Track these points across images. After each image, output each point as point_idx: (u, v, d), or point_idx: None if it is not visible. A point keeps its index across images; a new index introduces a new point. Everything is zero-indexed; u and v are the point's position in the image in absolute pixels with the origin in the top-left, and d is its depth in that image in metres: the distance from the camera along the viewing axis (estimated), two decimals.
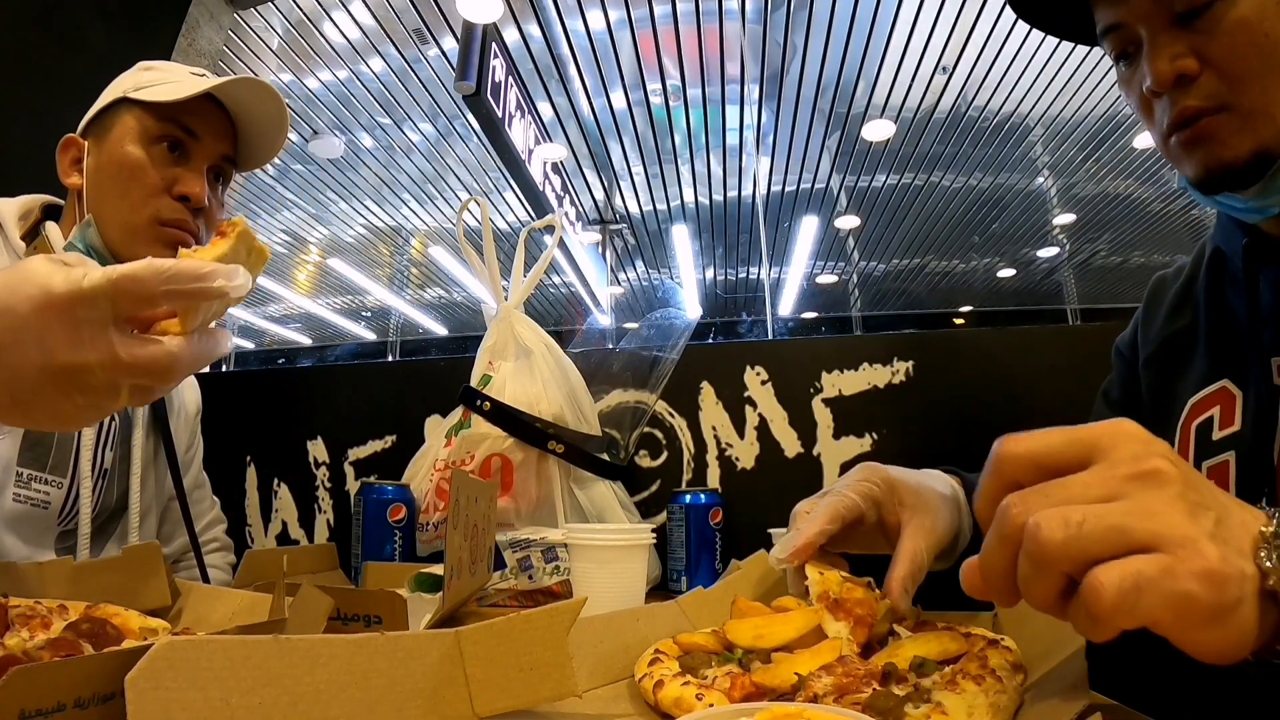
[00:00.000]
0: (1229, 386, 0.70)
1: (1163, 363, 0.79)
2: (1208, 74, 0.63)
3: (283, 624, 0.55)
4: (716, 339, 7.24)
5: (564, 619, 0.43)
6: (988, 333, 1.25)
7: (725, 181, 5.71)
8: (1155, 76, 0.64)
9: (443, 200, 5.88)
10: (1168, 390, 0.77)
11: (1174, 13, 0.64)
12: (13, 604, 0.56)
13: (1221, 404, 0.70)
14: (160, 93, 0.91)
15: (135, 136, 0.91)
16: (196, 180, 0.93)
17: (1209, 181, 0.65)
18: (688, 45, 3.97)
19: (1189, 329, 0.77)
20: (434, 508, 1.11)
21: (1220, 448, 0.69)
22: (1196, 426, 0.72)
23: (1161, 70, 0.63)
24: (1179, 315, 0.79)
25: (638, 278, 8.08)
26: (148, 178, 0.90)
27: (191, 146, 0.94)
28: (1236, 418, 0.68)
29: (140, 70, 0.96)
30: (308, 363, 10.01)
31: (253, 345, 10.05)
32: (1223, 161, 0.63)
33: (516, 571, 0.94)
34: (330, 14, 3.65)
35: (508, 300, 1.17)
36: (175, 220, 0.91)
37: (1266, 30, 0.61)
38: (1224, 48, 0.62)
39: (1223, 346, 0.72)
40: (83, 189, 0.91)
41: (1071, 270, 7.99)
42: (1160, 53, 0.64)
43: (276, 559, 0.91)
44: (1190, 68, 0.63)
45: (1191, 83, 0.63)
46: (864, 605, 0.56)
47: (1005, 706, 0.42)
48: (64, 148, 0.94)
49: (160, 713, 0.29)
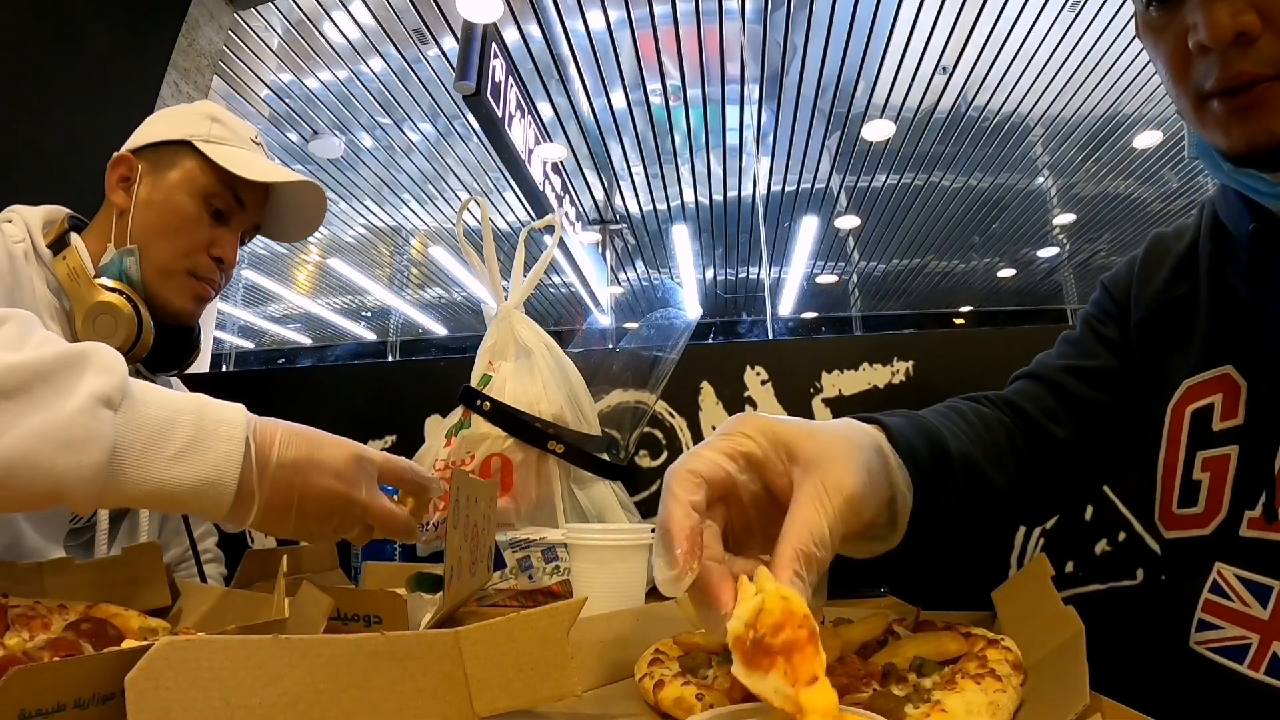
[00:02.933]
0: (1233, 374, 0.65)
1: (1158, 330, 0.73)
2: (1269, 35, 0.55)
3: (283, 624, 0.55)
4: (716, 339, 7.25)
5: (564, 619, 0.43)
6: (988, 333, 1.25)
7: (725, 181, 5.71)
8: (1212, 30, 0.56)
9: (443, 200, 5.88)
10: (1160, 362, 0.71)
11: None
12: (13, 604, 0.56)
13: (1224, 392, 0.65)
14: (229, 159, 0.95)
15: (193, 189, 0.95)
16: (232, 245, 0.99)
17: (1250, 156, 0.58)
18: (688, 45, 3.97)
19: (1189, 300, 0.71)
20: (434, 508, 1.11)
21: (1221, 440, 0.65)
22: (1192, 412, 0.67)
23: (1222, 23, 0.55)
24: (1178, 282, 0.72)
25: (638, 278, 8.09)
26: (196, 234, 0.95)
27: (236, 213, 0.99)
28: (1240, 410, 0.64)
29: (208, 119, 0.98)
30: (308, 363, 10.01)
31: (253, 345, 10.06)
32: (1274, 135, 0.56)
33: (516, 571, 0.94)
34: (330, 14, 3.66)
35: (508, 300, 1.17)
36: (206, 277, 0.97)
37: None
38: None
39: (1226, 329, 0.66)
40: (129, 212, 0.93)
41: (1071, 270, 8.00)
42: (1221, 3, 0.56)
43: (276, 559, 0.91)
44: (1254, 25, 0.55)
45: (1251, 43, 0.56)
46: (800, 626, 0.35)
47: (1005, 706, 0.42)
48: (115, 164, 0.96)
49: (160, 713, 0.29)
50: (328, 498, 0.62)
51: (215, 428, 0.56)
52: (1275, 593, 0.59)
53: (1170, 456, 0.69)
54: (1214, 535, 0.64)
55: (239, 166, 0.95)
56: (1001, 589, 0.59)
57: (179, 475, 0.54)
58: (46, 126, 1.65)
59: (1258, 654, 0.59)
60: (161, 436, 0.54)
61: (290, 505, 0.60)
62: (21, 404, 0.50)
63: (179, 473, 0.54)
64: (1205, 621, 0.63)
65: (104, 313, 0.87)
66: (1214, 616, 0.63)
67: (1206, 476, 0.65)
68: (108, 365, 0.54)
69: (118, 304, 0.88)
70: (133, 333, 0.88)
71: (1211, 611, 0.63)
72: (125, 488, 0.53)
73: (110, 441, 0.51)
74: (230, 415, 0.58)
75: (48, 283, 0.89)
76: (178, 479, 0.54)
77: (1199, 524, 0.65)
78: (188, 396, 0.58)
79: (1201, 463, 0.66)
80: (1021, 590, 0.56)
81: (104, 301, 0.87)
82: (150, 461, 0.53)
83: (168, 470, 0.54)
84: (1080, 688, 0.38)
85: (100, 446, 0.51)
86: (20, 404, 0.50)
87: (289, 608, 0.57)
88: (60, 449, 0.49)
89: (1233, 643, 0.61)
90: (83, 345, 0.54)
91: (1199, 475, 0.66)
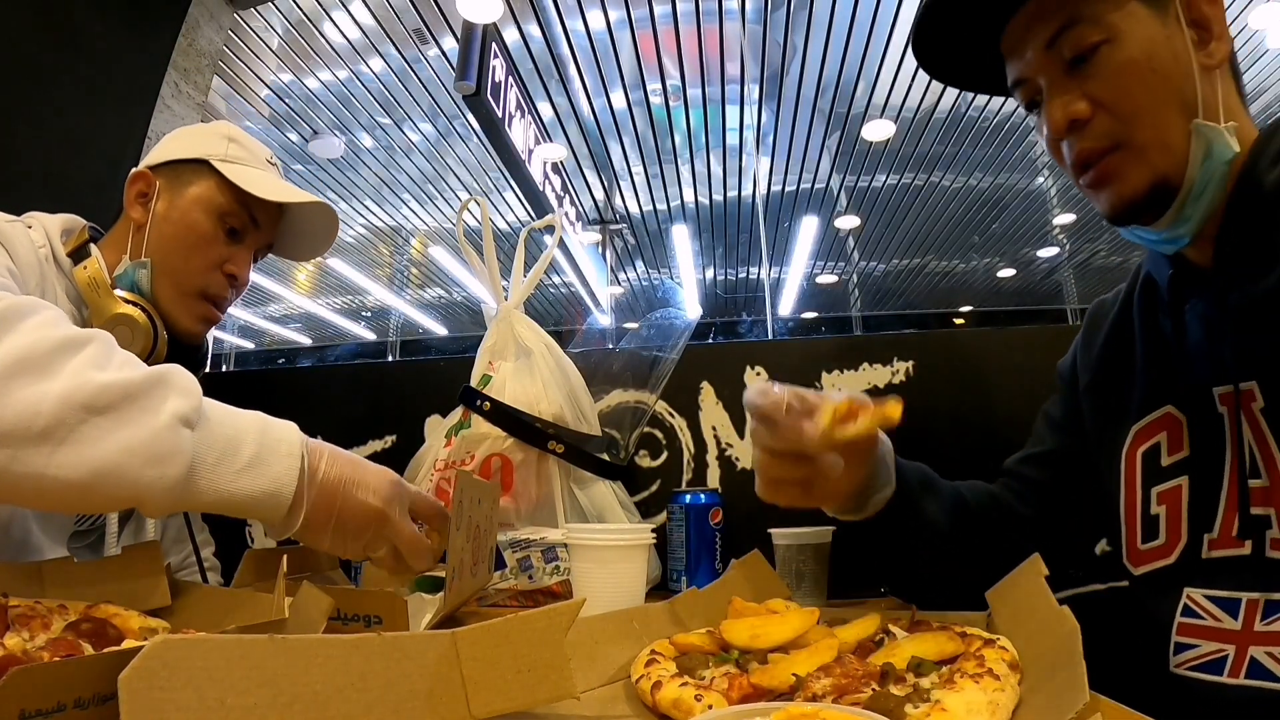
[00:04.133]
0: (1173, 412, 0.70)
1: (1103, 389, 0.80)
2: (1100, 115, 0.66)
3: (283, 624, 0.55)
4: (716, 339, 7.24)
5: (562, 620, 0.43)
6: (988, 333, 1.25)
7: (725, 181, 5.70)
8: (1050, 124, 0.68)
9: (443, 200, 5.88)
10: (1111, 417, 0.77)
11: (1065, 61, 0.67)
12: (13, 604, 0.56)
13: (1168, 430, 0.71)
14: (246, 179, 0.97)
15: (210, 208, 0.96)
16: (245, 264, 1.01)
17: (1118, 218, 0.68)
18: (688, 45, 3.96)
19: (1127, 354, 0.77)
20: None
21: (1171, 473, 0.70)
22: (1143, 453, 0.73)
23: (1055, 118, 0.67)
24: (1117, 340, 0.79)
25: (638, 278, 8.08)
26: (211, 252, 0.97)
27: (250, 232, 1.00)
28: (1185, 443, 0.69)
29: (226, 139, 1.00)
30: (308, 363, 10.00)
31: (253, 345, 10.05)
32: (1124, 197, 0.66)
33: (516, 571, 0.94)
34: (330, 14, 3.65)
35: (508, 300, 1.17)
36: (217, 296, 0.99)
37: (1154, 67, 0.64)
38: (1112, 89, 0.65)
39: (1162, 372, 0.72)
40: (145, 227, 0.94)
41: (1071, 270, 7.98)
42: (1055, 101, 0.67)
43: (276, 559, 0.91)
44: (1081, 112, 0.66)
45: (1085, 125, 0.66)
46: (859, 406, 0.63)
47: (1004, 705, 0.43)
48: (134, 180, 0.97)
49: (154, 713, 0.29)
50: (364, 513, 0.69)
51: (276, 445, 0.63)
52: (1243, 603, 0.63)
53: (1129, 499, 0.74)
54: (1178, 563, 0.68)
55: (255, 186, 0.96)
56: (996, 589, 0.59)
57: (244, 487, 0.61)
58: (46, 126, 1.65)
59: (1235, 662, 0.62)
60: (231, 453, 0.61)
61: (331, 516, 0.67)
62: (112, 420, 0.55)
63: (244, 484, 0.61)
64: (1182, 644, 0.67)
65: (122, 324, 0.88)
66: (1189, 637, 0.66)
67: (1163, 509, 0.70)
68: (187, 388, 0.60)
69: (136, 316, 0.89)
70: (148, 344, 0.90)
71: (1186, 633, 0.67)
72: (196, 497, 0.59)
73: (189, 457, 0.58)
74: (288, 435, 0.65)
75: (66, 290, 0.90)
76: (243, 490, 0.61)
77: (1163, 554, 0.70)
78: (251, 416, 0.64)
79: (1156, 497, 0.71)
80: (1016, 590, 0.56)
81: (123, 313, 0.89)
82: (221, 475, 0.60)
83: (235, 483, 0.61)
84: (1079, 687, 0.38)
85: (181, 461, 0.57)
86: (111, 420, 0.55)
87: (289, 608, 0.57)
88: (147, 463, 0.55)
89: (1211, 657, 0.64)
90: (164, 368, 0.60)
91: (1156, 509, 0.71)
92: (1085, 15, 0.65)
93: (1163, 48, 0.64)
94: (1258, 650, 0.61)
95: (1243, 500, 0.64)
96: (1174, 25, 0.65)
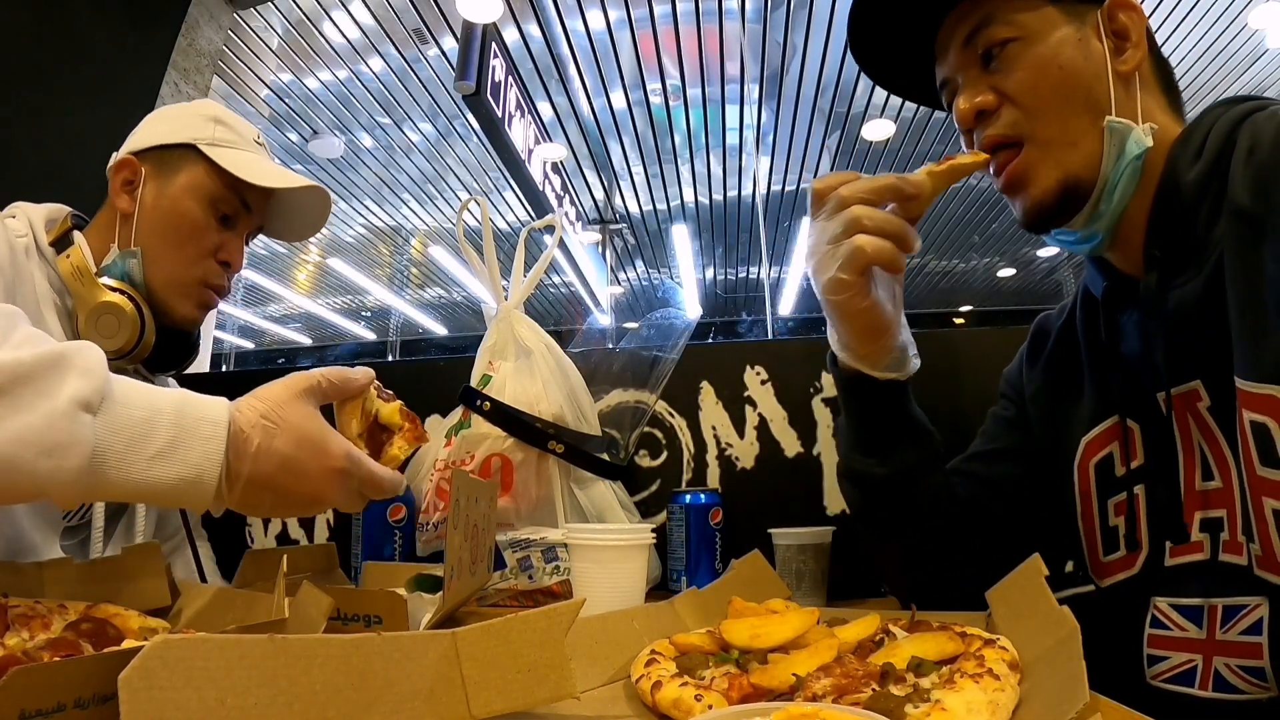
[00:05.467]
0: (1122, 421, 0.70)
1: (1049, 400, 0.80)
2: (1006, 107, 0.67)
3: (283, 624, 0.55)
4: (716, 339, 7.24)
5: (562, 620, 0.43)
6: (988, 332, 1.25)
7: (725, 181, 5.71)
8: (958, 115, 0.70)
9: (443, 200, 5.88)
10: (1059, 429, 0.77)
11: (979, 57, 0.69)
12: (13, 604, 0.56)
13: (1119, 439, 0.71)
14: (236, 163, 0.94)
15: (200, 195, 0.94)
16: (239, 249, 0.99)
17: (1033, 223, 0.69)
18: (688, 45, 3.97)
19: (1073, 366, 0.77)
20: (434, 508, 1.11)
21: (1126, 483, 0.70)
22: (1095, 465, 0.73)
23: (961, 108, 0.69)
24: (1062, 354, 0.79)
25: (638, 278, 8.08)
26: (204, 240, 0.94)
27: (242, 217, 0.98)
28: (1139, 451, 0.69)
29: (212, 121, 0.97)
30: (308, 363, 9.96)
31: (252, 345, 10.05)
32: (1036, 199, 0.67)
33: (516, 571, 0.94)
34: (330, 14, 3.65)
35: (508, 300, 1.17)
36: (215, 284, 0.97)
37: (1061, 64, 0.66)
38: (1018, 82, 0.67)
39: (1106, 383, 0.72)
40: (132, 217, 0.92)
41: (1071, 270, 7.98)
42: (965, 92, 0.70)
43: (276, 559, 0.91)
44: (988, 103, 0.68)
45: (991, 115, 0.68)
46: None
47: (1005, 705, 0.43)
48: (118, 167, 0.94)
49: (154, 712, 0.29)
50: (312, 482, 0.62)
51: (196, 426, 0.56)
52: (1205, 611, 0.63)
53: (1086, 511, 0.74)
54: (1143, 572, 0.68)
55: (246, 172, 0.94)
56: (996, 589, 0.59)
57: (159, 475, 0.55)
58: (46, 126, 1.65)
59: (1203, 673, 0.63)
60: (142, 438, 0.54)
61: (268, 492, 0.61)
62: (2, 406, 0.50)
63: (159, 472, 0.55)
64: (1154, 656, 0.67)
65: (107, 313, 0.87)
66: (1160, 649, 0.67)
67: (1121, 520, 0.70)
68: (89, 367, 0.53)
69: (121, 304, 0.87)
70: (135, 333, 0.88)
71: (1157, 645, 0.67)
72: (107, 487, 0.54)
73: (90, 446, 0.52)
74: (211, 412, 0.58)
75: (49, 279, 0.89)
76: (158, 479, 0.55)
77: (1127, 566, 0.70)
78: (170, 394, 0.57)
79: (1113, 509, 0.71)
80: (1015, 590, 0.56)
81: (108, 301, 0.87)
82: (131, 463, 0.54)
83: (148, 470, 0.55)
84: (1079, 686, 0.38)
85: (80, 452, 0.51)
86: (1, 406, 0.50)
87: (289, 608, 0.57)
88: (41, 454, 0.50)
89: (1182, 669, 0.65)
90: (64, 346, 0.54)
91: (1114, 521, 0.71)
92: (999, 15, 0.67)
93: (1073, 48, 0.66)
94: (1219, 662, 0.62)
95: (1199, 504, 0.64)
96: (1090, 32, 0.67)
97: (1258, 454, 0.57)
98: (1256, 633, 0.60)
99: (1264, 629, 0.59)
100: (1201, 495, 0.64)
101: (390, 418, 0.72)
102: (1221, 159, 0.60)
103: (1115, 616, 0.71)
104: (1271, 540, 0.57)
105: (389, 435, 0.72)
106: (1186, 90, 4.16)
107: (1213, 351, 0.60)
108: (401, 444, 0.71)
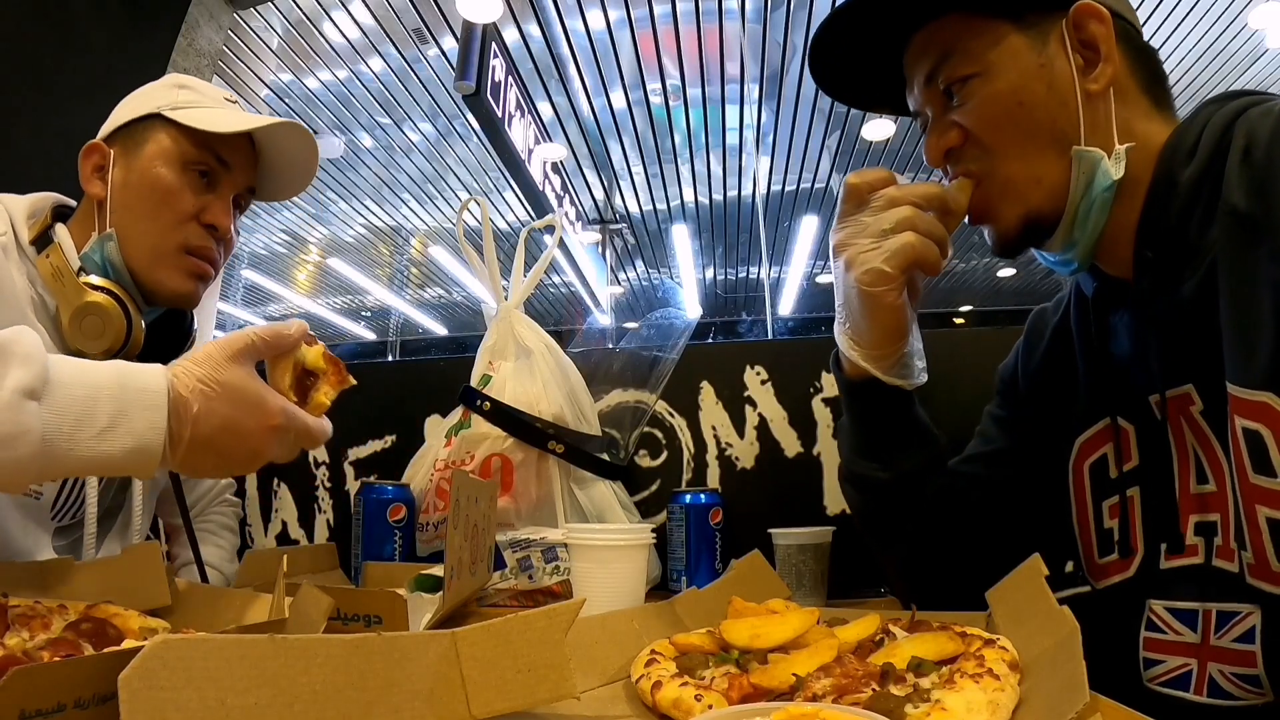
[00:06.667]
0: (1116, 423, 0.70)
1: (1045, 399, 0.79)
2: (970, 143, 0.68)
3: (283, 624, 0.55)
4: (716, 339, 7.23)
5: (562, 620, 0.43)
6: (988, 332, 1.25)
7: (725, 181, 5.70)
8: (927, 155, 0.71)
9: (443, 200, 5.88)
10: (1054, 429, 0.77)
11: (940, 93, 0.69)
12: (13, 604, 0.56)
13: (1113, 441, 0.70)
14: (199, 119, 0.90)
15: (169, 159, 0.90)
16: (224, 211, 0.94)
17: (1001, 253, 0.71)
18: (688, 45, 3.96)
19: (1068, 365, 0.77)
20: (434, 508, 1.11)
21: (1121, 485, 0.70)
22: (1090, 466, 0.73)
23: (931, 148, 0.70)
24: (1057, 351, 0.79)
25: (638, 278, 8.08)
26: (180, 203, 0.90)
27: (221, 176, 0.94)
28: (1134, 453, 0.69)
29: (175, 87, 0.94)
30: None
31: None
32: (1000, 234, 0.69)
33: (516, 571, 0.94)
34: (330, 14, 3.65)
35: (508, 300, 1.17)
36: (201, 249, 0.92)
37: (1021, 99, 0.65)
38: (979, 119, 0.67)
39: (1100, 384, 0.72)
40: (106, 199, 0.89)
41: None
42: (932, 132, 0.70)
43: (276, 559, 0.91)
44: (953, 141, 0.68)
45: (959, 150, 0.69)
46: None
47: (1005, 705, 0.42)
48: (87, 153, 0.92)
49: (154, 712, 0.29)
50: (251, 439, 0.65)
51: (138, 397, 0.58)
52: (1200, 615, 0.63)
53: (1080, 512, 0.74)
54: (1138, 575, 0.68)
55: (209, 123, 0.90)
56: (996, 589, 0.59)
57: (108, 449, 0.57)
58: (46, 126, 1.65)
59: (1199, 678, 0.63)
60: (87, 415, 0.56)
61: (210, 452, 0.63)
62: None
63: (107, 447, 0.57)
64: (1150, 659, 0.67)
65: (91, 314, 0.84)
66: (1155, 653, 0.66)
67: (1115, 523, 0.70)
68: (28, 353, 0.54)
69: (105, 304, 0.84)
70: (122, 333, 0.85)
71: (1152, 649, 0.67)
72: (58, 468, 0.56)
73: (39, 433, 0.53)
74: (150, 382, 0.60)
75: (30, 276, 0.86)
76: (107, 452, 0.57)
77: (1122, 568, 0.70)
78: (107, 368, 0.59)
79: (1108, 511, 0.71)
80: (1015, 590, 0.56)
81: (91, 302, 0.84)
82: (80, 441, 0.56)
83: (97, 446, 0.57)
84: (1079, 686, 0.38)
85: (30, 440, 0.53)
86: None
87: (289, 608, 0.57)
88: None
89: (1178, 673, 0.64)
90: (1, 335, 0.54)
91: (1109, 523, 0.71)
92: (958, 49, 0.67)
93: (1035, 80, 0.65)
94: (1214, 667, 0.62)
95: (1194, 508, 0.64)
96: (1055, 52, 0.65)
97: (1250, 462, 0.57)
98: (1249, 641, 0.60)
99: (1256, 637, 0.59)
100: (1197, 499, 0.64)
101: (315, 362, 0.73)
102: (1215, 159, 0.60)
103: (1111, 618, 0.71)
104: (1265, 549, 0.57)
105: (314, 380, 0.73)
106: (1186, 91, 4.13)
107: (1205, 355, 0.60)
108: (327, 389, 0.73)
